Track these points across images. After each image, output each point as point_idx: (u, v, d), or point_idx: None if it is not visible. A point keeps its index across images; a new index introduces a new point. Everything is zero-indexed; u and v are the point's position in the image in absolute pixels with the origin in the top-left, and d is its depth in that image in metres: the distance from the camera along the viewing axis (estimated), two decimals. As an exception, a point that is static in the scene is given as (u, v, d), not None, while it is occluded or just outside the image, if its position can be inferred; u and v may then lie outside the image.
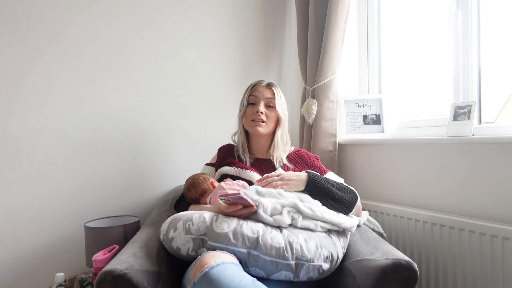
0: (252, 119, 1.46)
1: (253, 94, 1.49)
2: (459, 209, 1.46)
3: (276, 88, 1.51)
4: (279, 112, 1.47)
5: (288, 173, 1.33)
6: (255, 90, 1.49)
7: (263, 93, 1.48)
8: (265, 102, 1.47)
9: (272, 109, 1.47)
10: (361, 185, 1.89)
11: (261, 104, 1.46)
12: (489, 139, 1.36)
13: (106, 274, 0.96)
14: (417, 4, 1.87)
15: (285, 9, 2.28)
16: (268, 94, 1.48)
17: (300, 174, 1.32)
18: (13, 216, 1.59)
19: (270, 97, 1.47)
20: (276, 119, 1.48)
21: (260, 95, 1.48)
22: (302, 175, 1.31)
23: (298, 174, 1.31)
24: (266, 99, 1.47)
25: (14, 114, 1.60)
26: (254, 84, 1.51)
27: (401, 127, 1.87)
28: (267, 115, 1.47)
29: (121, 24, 1.81)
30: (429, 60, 1.82)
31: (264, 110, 1.46)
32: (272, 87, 1.50)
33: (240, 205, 1.12)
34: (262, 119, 1.45)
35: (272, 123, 1.48)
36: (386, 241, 1.20)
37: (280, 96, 1.49)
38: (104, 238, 1.47)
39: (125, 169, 1.84)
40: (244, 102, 1.49)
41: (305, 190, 1.29)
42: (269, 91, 1.49)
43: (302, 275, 1.06)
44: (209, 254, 0.98)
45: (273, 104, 1.47)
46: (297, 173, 1.32)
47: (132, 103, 1.85)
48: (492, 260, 1.29)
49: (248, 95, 1.49)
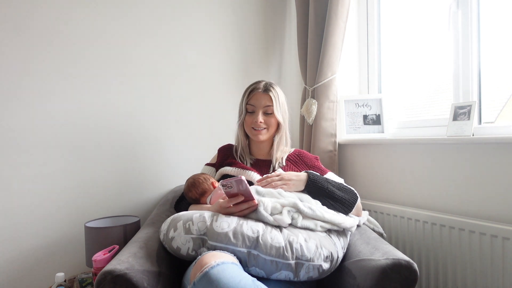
0: (253, 127, 1.46)
1: (250, 102, 1.45)
2: (459, 209, 1.46)
3: (274, 90, 1.45)
4: (278, 117, 1.45)
5: (288, 173, 1.33)
6: (252, 98, 1.45)
7: (261, 101, 1.44)
8: (263, 110, 1.44)
9: (271, 115, 1.45)
10: (361, 185, 1.89)
11: (259, 114, 1.43)
12: (489, 139, 1.36)
13: (106, 274, 0.96)
14: (417, 4, 1.87)
15: (285, 9, 2.29)
16: (266, 101, 1.44)
17: (300, 174, 1.32)
18: (13, 216, 1.59)
19: (268, 104, 1.44)
20: (276, 124, 1.47)
21: (257, 103, 1.44)
22: (302, 175, 1.31)
23: (297, 174, 1.31)
24: (264, 108, 1.44)
25: (14, 114, 1.60)
26: (251, 90, 1.47)
27: (401, 127, 1.87)
28: (267, 122, 1.45)
29: (120, 25, 1.81)
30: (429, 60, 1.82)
31: (263, 118, 1.44)
32: (270, 91, 1.44)
33: (241, 197, 1.13)
34: (262, 127, 1.45)
35: (272, 128, 1.47)
36: (386, 241, 1.21)
37: (278, 100, 1.45)
38: (104, 238, 1.47)
39: (125, 169, 1.84)
40: (243, 110, 1.48)
41: (304, 190, 1.29)
42: (267, 97, 1.44)
43: (302, 275, 1.06)
44: (209, 254, 0.98)
45: (272, 111, 1.44)
46: (297, 173, 1.32)
47: (132, 103, 1.85)
48: (492, 260, 1.29)
49: (245, 103, 1.46)
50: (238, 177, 1.10)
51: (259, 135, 1.45)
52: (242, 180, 1.10)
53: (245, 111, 1.47)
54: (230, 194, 1.15)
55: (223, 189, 1.14)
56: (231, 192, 1.14)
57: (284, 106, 1.50)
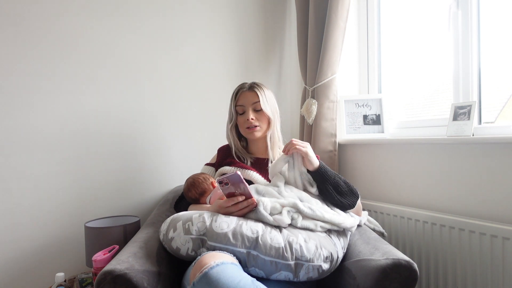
0: (247, 127, 1.46)
1: (239, 103, 1.47)
2: (459, 209, 1.46)
3: (259, 88, 1.48)
4: (267, 112, 1.46)
5: (309, 146, 1.34)
6: (240, 97, 1.48)
7: (248, 99, 1.46)
8: (252, 108, 1.46)
9: (261, 112, 1.47)
10: (361, 185, 1.89)
11: (249, 112, 1.45)
12: (489, 139, 1.36)
13: (106, 274, 0.96)
14: (417, 4, 1.87)
15: (285, 9, 2.28)
16: (253, 98, 1.46)
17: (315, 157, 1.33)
18: (13, 216, 1.60)
19: (256, 101, 1.45)
20: (267, 120, 1.48)
21: (245, 102, 1.46)
22: (316, 159, 1.33)
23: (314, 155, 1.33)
24: (252, 105, 1.46)
25: (15, 115, 1.60)
26: (237, 91, 1.50)
27: (401, 127, 1.87)
28: (258, 119, 1.46)
29: (121, 26, 1.81)
30: (429, 60, 1.82)
31: (254, 115, 1.46)
32: (255, 88, 1.47)
33: (240, 196, 1.13)
34: (255, 124, 1.45)
35: (265, 124, 1.48)
36: (386, 241, 1.21)
37: (264, 96, 1.46)
38: (104, 238, 1.47)
39: (125, 169, 1.84)
40: (233, 113, 1.49)
41: (313, 172, 1.31)
42: (253, 94, 1.46)
43: (302, 275, 1.06)
44: (209, 255, 0.98)
45: (260, 107, 1.46)
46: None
47: (132, 103, 1.85)
48: (492, 260, 1.29)
49: (234, 105, 1.48)
50: (234, 173, 1.10)
51: (254, 132, 1.46)
52: (238, 176, 1.10)
53: (235, 113, 1.49)
54: (229, 194, 1.15)
55: (220, 187, 1.14)
56: (229, 191, 1.14)
57: (272, 101, 1.51)
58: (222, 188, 1.14)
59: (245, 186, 1.12)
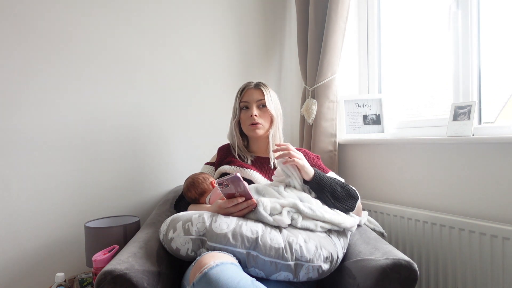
0: (250, 124, 1.47)
1: (243, 99, 1.50)
2: (459, 209, 1.46)
3: (265, 87, 1.51)
4: (271, 110, 1.48)
5: (303, 158, 1.31)
6: (245, 94, 1.50)
7: (253, 96, 1.49)
8: (256, 104, 1.48)
9: (264, 109, 1.48)
10: (361, 185, 1.89)
11: (253, 108, 1.47)
12: (489, 139, 1.35)
13: (106, 274, 0.96)
14: (417, 4, 1.87)
15: (285, 9, 2.28)
16: (258, 95, 1.49)
17: (309, 167, 1.31)
18: (13, 216, 1.60)
19: (261, 98, 1.48)
20: (270, 118, 1.49)
21: (250, 98, 1.49)
22: (311, 168, 1.30)
23: (309, 165, 1.30)
24: (257, 102, 1.48)
25: (15, 115, 1.60)
26: (243, 89, 1.52)
27: (401, 127, 1.87)
28: (261, 116, 1.48)
29: (121, 26, 1.81)
30: (429, 60, 1.82)
31: (258, 112, 1.47)
32: (261, 87, 1.50)
33: (240, 197, 1.13)
34: (257, 121, 1.46)
35: (267, 122, 1.49)
36: (386, 241, 1.21)
37: (270, 95, 1.50)
38: (104, 238, 1.47)
39: (125, 169, 1.84)
40: (237, 108, 1.51)
41: (308, 182, 1.28)
42: (259, 91, 1.49)
43: (302, 276, 1.06)
44: (208, 255, 0.98)
45: (264, 104, 1.47)
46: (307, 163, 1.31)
47: (132, 103, 1.85)
48: (492, 260, 1.29)
49: (239, 101, 1.51)
50: (234, 175, 1.10)
51: (256, 129, 1.47)
52: (238, 177, 1.10)
53: (239, 109, 1.51)
54: (228, 194, 1.15)
55: (220, 188, 1.14)
56: (229, 192, 1.14)
57: (276, 102, 1.54)
58: (221, 189, 1.14)
59: (245, 187, 1.12)
